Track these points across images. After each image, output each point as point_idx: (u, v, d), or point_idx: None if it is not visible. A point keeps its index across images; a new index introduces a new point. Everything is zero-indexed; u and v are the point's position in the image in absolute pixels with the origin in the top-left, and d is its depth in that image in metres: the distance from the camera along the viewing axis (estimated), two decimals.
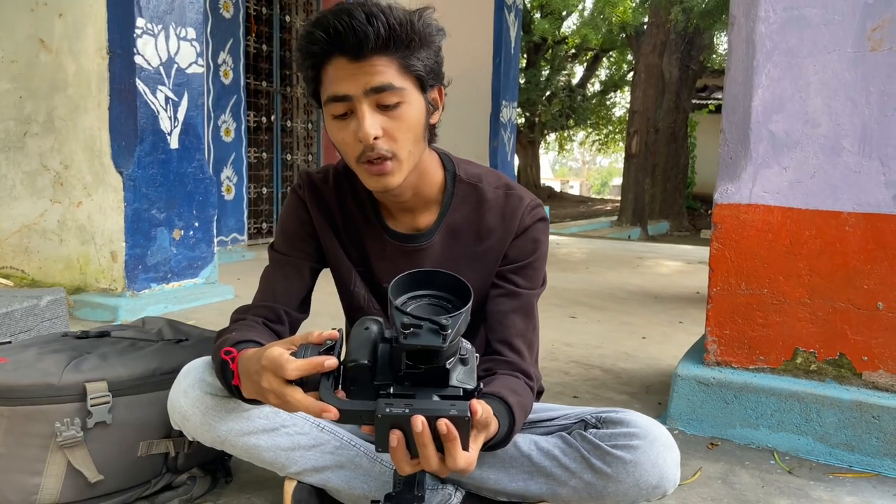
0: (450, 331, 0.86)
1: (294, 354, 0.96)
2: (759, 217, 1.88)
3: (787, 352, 1.88)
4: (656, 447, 1.16)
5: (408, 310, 0.89)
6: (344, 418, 0.90)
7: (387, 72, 1.08)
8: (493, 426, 1.01)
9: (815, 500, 1.59)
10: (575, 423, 1.28)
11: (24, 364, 1.33)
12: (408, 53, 1.09)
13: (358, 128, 1.09)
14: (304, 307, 1.34)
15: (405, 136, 1.12)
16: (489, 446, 1.07)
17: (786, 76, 1.84)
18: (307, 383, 0.94)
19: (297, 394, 0.94)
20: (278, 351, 0.96)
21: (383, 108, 1.10)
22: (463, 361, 0.95)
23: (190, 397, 1.23)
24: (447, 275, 0.95)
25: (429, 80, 1.14)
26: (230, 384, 1.13)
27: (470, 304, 0.90)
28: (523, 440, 1.25)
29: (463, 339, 0.95)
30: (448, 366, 0.90)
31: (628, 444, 1.17)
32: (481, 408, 0.90)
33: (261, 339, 1.17)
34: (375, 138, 1.09)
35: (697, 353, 2.05)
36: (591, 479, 1.17)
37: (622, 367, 2.65)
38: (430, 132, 1.22)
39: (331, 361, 0.92)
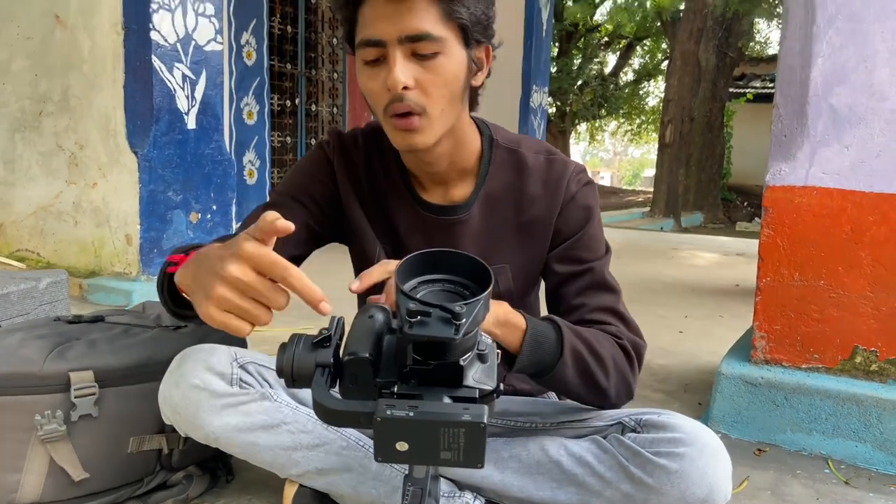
0: (464, 320, 0.71)
1: (283, 347, 0.82)
2: (816, 200, 1.70)
3: (846, 350, 1.70)
4: (705, 455, 1.02)
5: (417, 296, 0.75)
6: (339, 420, 0.76)
7: (426, 17, 0.96)
8: (515, 322, 0.93)
9: None
10: (611, 425, 1.14)
11: (5, 351, 1.22)
12: None
13: (388, 75, 0.97)
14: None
15: (439, 91, 0.99)
16: (534, 373, 0.99)
17: (849, 44, 1.66)
18: (298, 380, 0.80)
19: (247, 242, 0.74)
20: (246, 237, 0.76)
21: (419, 58, 0.98)
22: (481, 358, 0.80)
23: (182, 389, 1.11)
24: (466, 256, 0.81)
25: (474, 33, 1.01)
26: (166, 289, 0.99)
27: (490, 290, 0.76)
28: (552, 444, 1.11)
29: (482, 333, 0.80)
30: (462, 362, 0.76)
31: (673, 451, 1.02)
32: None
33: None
34: (405, 88, 0.97)
35: (743, 349, 1.88)
36: (629, 490, 1.03)
37: (658, 362, 2.48)
38: (472, 96, 1.08)
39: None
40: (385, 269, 0.88)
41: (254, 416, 1.12)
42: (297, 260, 1.21)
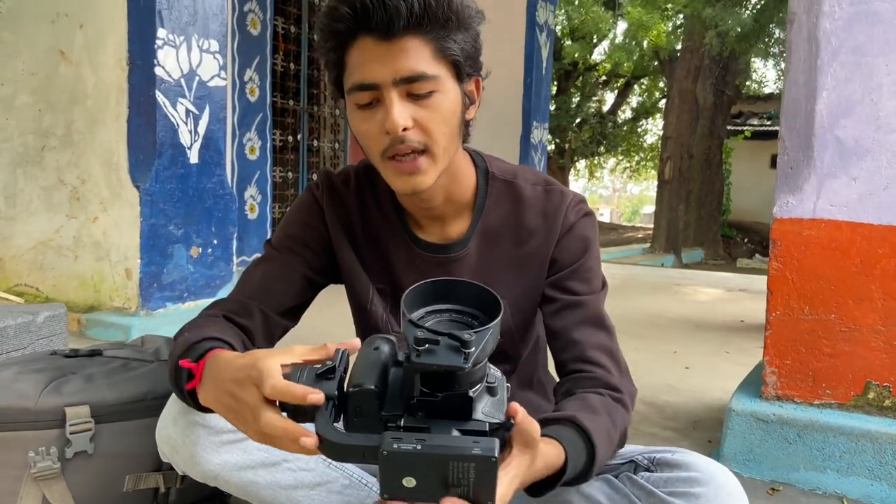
0: (473, 349, 0.68)
1: (287, 377, 0.79)
2: (825, 233, 1.68)
3: (858, 385, 1.66)
4: (722, 496, 0.97)
5: (425, 325, 0.72)
6: (343, 455, 0.73)
7: (419, 56, 0.94)
8: (554, 454, 0.84)
9: None
10: (623, 463, 1.09)
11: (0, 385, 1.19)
12: (444, 35, 0.95)
13: (385, 118, 0.95)
14: (289, 315, 1.16)
15: (439, 128, 0.98)
16: (563, 482, 0.88)
17: (854, 77, 1.66)
18: (301, 411, 0.77)
19: (270, 414, 0.77)
20: (274, 362, 0.79)
21: (414, 98, 0.95)
22: (490, 391, 0.78)
23: (180, 425, 1.06)
24: (473, 285, 0.78)
25: (466, 67, 0.99)
26: (182, 388, 0.95)
27: (499, 319, 0.73)
28: None
29: (491, 366, 0.78)
30: (472, 394, 0.73)
31: (688, 491, 0.97)
32: (521, 413, 0.75)
33: (219, 334, 0.99)
34: (405, 129, 0.95)
35: (753, 385, 1.84)
36: None
37: (665, 399, 2.44)
38: (465, 129, 1.07)
39: (315, 396, 0.74)
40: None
41: (254, 453, 1.08)
42: (299, 309, 1.18)
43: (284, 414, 0.78)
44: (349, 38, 0.96)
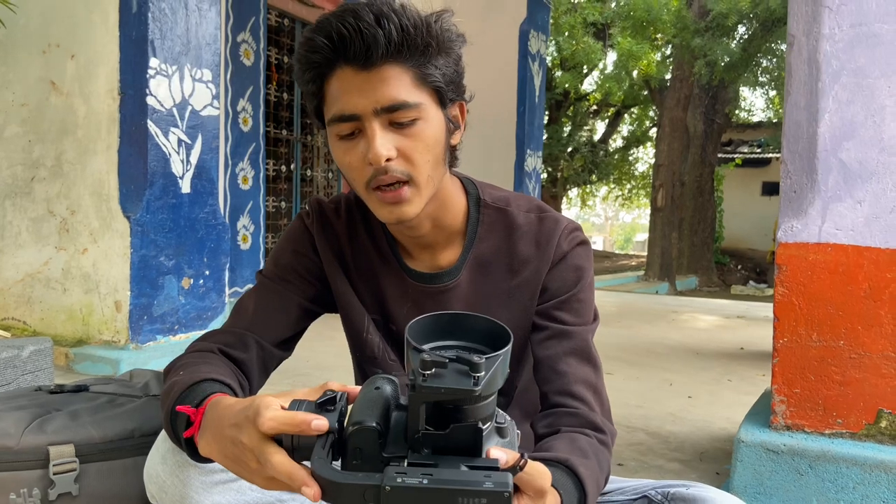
0: (483, 373, 0.64)
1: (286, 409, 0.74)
2: (831, 258, 1.64)
3: (870, 414, 1.62)
4: None
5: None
6: (340, 496, 0.67)
7: (400, 85, 0.91)
8: (552, 501, 0.79)
9: None
10: (635, 499, 1.04)
11: None
12: (424, 61, 0.93)
13: (367, 148, 0.92)
14: (284, 346, 1.12)
15: (423, 157, 0.94)
16: None
17: (856, 99, 1.64)
18: (298, 450, 0.72)
19: (276, 455, 0.71)
20: (268, 400, 0.75)
21: (397, 126, 0.93)
22: (500, 432, 0.73)
23: (169, 464, 1.01)
24: (479, 318, 0.74)
25: (448, 93, 0.97)
26: (179, 435, 0.89)
27: (509, 347, 0.69)
28: None
29: (499, 410, 0.73)
30: (482, 426, 0.68)
31: None
32: (529, 464, 0.70)
33: (218, 376, 0.94)
34: (388, 160, 0.92)
35: (762, 414, 1.79)
36: None
37: (669, 429, 2.38)
38: (451, 154, 1.03)
39: (320, 423, 0.70)
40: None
41: (247, 493, 1.02)
42: (294, 339, 1.15)
43: None
44: (327, 69, 0.93)
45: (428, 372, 0.64)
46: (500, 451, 0.68)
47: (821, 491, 1.62)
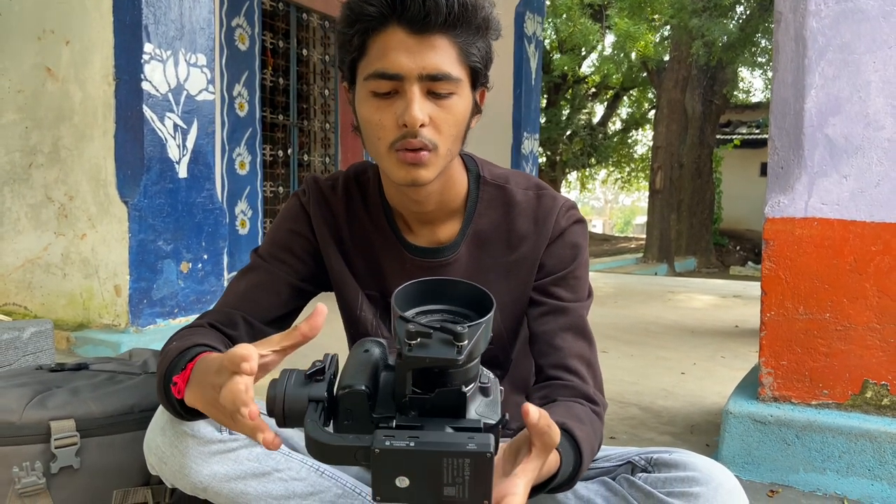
0: (466, 342, 0.67)
1: (274, 383, 0.77)
2: (817, 232, 1.67)
3: (855, 384, 1.65)
4: (721, 495, 0.95)
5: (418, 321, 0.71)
6: (333, 457, 0.71)
7: (447, 56, 0.94)
8: (554, 460, 0.82)
9: None
10: (620, 465, 1.07)
11: None
12: (470, 40, 0.96)
13: (405, 111, 0.94)
14: (276, 324, 1.15)
15: (450, 129, 0.98)
16: (549, 489, 0.87)
17: (842, 75, 1.66)
18: (290, 418, 0.75)
19: (235, 379, 0.76)
20: (246, 346, 0.78)
21: (434, 96, 0.96)
22: (484, 391, 0.76)
23: (168, 436, 1.04)
24: (464, 284, 0.77)
25: (481, 76, 1.01)
26: (171, 396, 0.93)
27: (492, 314, 0.72)
28: None
29: (484, 368, 0.76)
30: (465, 390, 0.71)
31: (687, 490, 0.96)
32: (538, 413, 0.73)
33: (207, 341, 0.98)
34: (422, 125, 0.95)
35: (750, 387, 1.83)
36: None
37: (661, 404, 2.42)
38: (465, 136, 1.07)
39: (266, 436, 0.75)
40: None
41: (244, 463, 1.05)
42: (287, 318, 1.17)
43: (272, 420, 0.76)
44: (378, 24, 0.95)
45: (413, 342, 0.67)
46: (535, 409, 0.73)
47: (807, 460, 1.66)
